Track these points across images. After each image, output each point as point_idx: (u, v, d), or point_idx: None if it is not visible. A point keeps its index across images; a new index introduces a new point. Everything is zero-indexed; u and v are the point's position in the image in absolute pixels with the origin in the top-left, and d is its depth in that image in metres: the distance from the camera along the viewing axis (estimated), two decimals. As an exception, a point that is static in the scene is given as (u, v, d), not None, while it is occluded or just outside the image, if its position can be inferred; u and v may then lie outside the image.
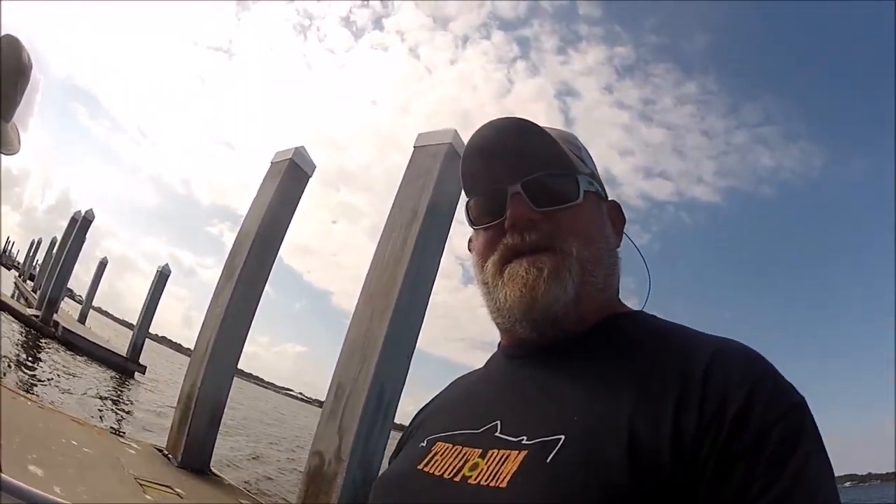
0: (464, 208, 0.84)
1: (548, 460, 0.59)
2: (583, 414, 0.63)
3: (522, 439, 0.64)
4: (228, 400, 7.66)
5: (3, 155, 1.39)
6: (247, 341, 7.68)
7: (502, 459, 0.63)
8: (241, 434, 18.20)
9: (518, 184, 0.75)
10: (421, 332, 5.16)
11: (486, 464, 0.64)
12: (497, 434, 0.68)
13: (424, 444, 0.76)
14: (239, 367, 7.89)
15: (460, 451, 0.69)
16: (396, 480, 0.76)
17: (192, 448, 6.76)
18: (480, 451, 0.67)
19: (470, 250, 0.86)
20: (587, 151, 0.85)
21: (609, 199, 0.85)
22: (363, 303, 5.11)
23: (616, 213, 0.86)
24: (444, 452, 0.71)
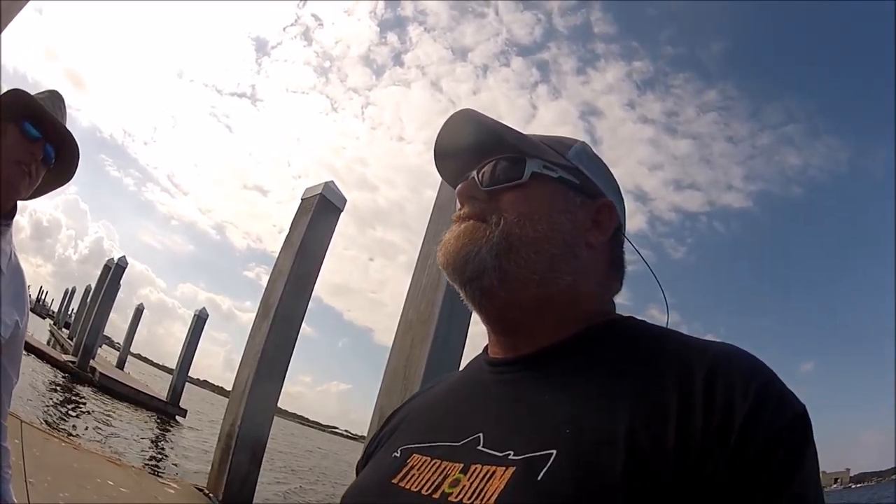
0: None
1: (539, 478, 0.54)
2: (575, 427, 0.58)
3: (509, 454, 0.59)
4: (270, 438, 7.61)
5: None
6: (290, 381, 7.69)
7: (487, 476, 0.58)
8: (284, 471, 18.08)
9: (473, 171, 0.80)
10: (463, 358, 5.06)
11: (469, 480, 0.59)
12: (480, 448, 0.63)
13: (398, 455, 0.71)
14: (282, 406, 7.90)
15: (439, 466, 0.64)
16: (369, 495, 0.70)
17: (234, 486, 6.71)
18: (461, 465, 0.61)
19: None
20: (588, 154, 0.83)
21: (599, 199, 0.80)
22: (402, 332, 5.06)
23: (604, 215, 0.79)
24: (420, 466, 0.66)
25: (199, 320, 24.08)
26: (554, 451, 0.56)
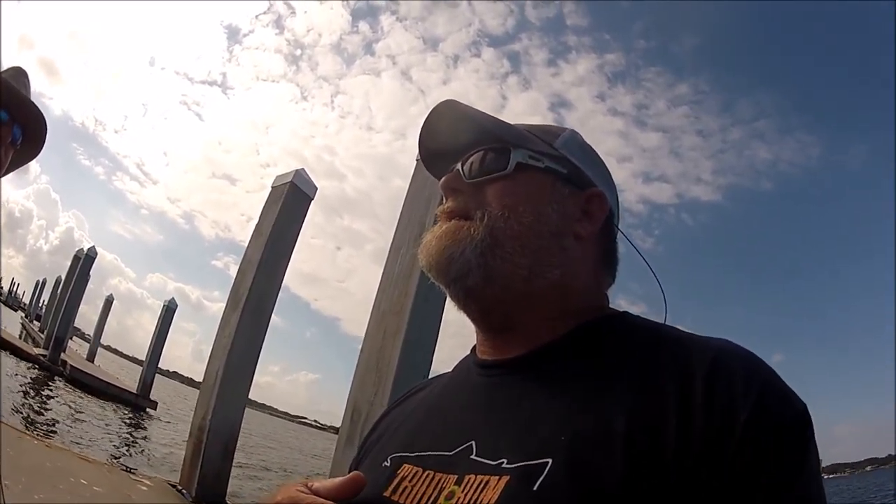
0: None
1: (535, 488, 0.53)
2: (571, 433, 0.56)
3: (502, 462, 0.57)
4: (241, 430, 7.53)
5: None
6: (259, 371, 7.60)
7: (481, 486, 0.56)
8: (256, 465, 18.02)
9: (458, 163, 0.77)
10: (436, 349, 5.02)
11: (464, 492, 0.57)
12: (473, 457, 0.60)
13: (388, 465, 0.68)
14: (251, 397, 7.80)
15: (433, 478, 0.61)
16: None
17: (206, 481, 6.62)
18: (456, 476, 0.59)
19: None
20: (577, 143, 0.80)
21: (588, 188, 0.77)
22: (374, 323, 5.00)
23: (594, 205, 0.76)
24: (413, 478, 0.63)
25: (169, 311, 23.60)
26: (550, 460, 0.54)
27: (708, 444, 0.51)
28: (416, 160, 5.78)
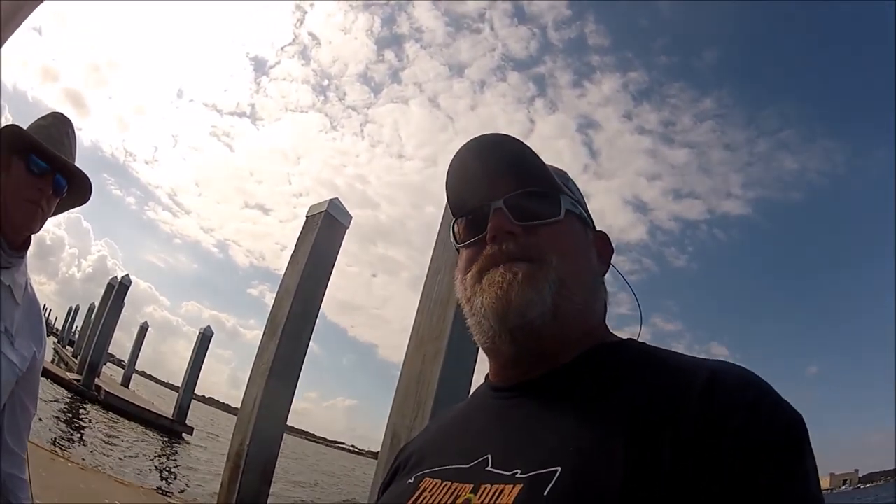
0: (449, 230, 0.85)
1: (545, 493, 0.57)
2: (578, 444, 0.61)
3: (516, 473, 0.62)
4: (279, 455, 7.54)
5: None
6: (297, 398, 7.62)
7: (496, 494, 0.60)
8: (294, 487, 17.95)
9: (501, 199, 0.77)
10: (475, 373, 5.02)
11: (479, 499, 0.61)
12: (489, 468, 0.65)
13: (412, 481, 0.73)
14: (289, 423, 7.83)
15: (450, 487, 0.67)
16: None
17: (245, 507, 6.61)
18: (472, 486, 0.64)
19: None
20: (575, 184, 0.87)
21: (597, 230, 0.87)
22: (413, 348, 5.02)
23: (603, 244, 0.86)
24: (433, 489, 0.69)
25: (204, 338, 24.00)
26: (559, 468, 0.58)
27: (702, 455, 0.54)
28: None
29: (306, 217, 8.43)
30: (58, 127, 1.41)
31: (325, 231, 8.06)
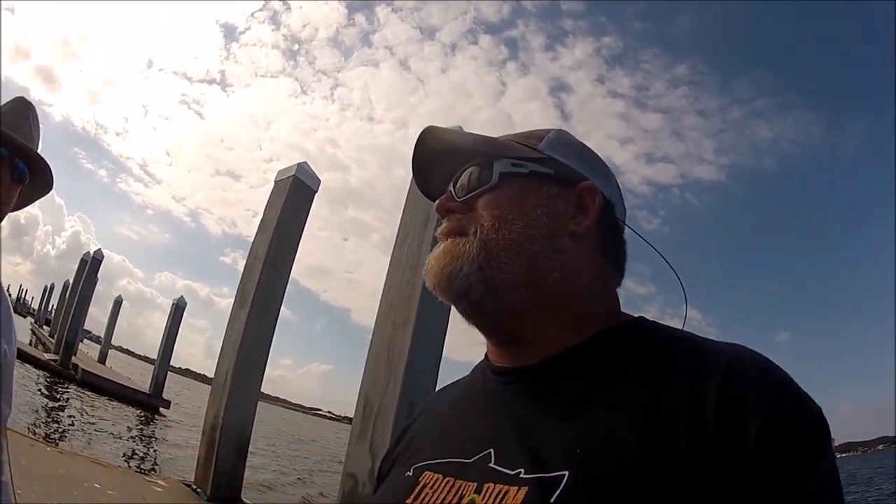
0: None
1: (552, 500, 0.54)
2: (585, 445, 0.57)
3: (520, 473, 0.59)
4: (255, 425, 7.50)
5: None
6: (271, 365, 7.57)
7: (500, 496, 0.57)
8: (270, 458, 18.10)
9: (450, 183, 0.80)
10: (447, 337, 4.96)
11: (483, 501, 0.58)
12: (491, 465, 0.62)
13: (411, 474, 0.70)
14: (264, 391, 7.77)
15: (453, 485, 0.63)
16: None
17: (221, 480, 6.58)
18: (475, 484, 0.61)
19: None
20: (563, 141, 0.80)
21: (584, 183, 0.76)
22: (383, 314, 4.95)
23: (587, 199, 0.76)
24: (434, 485, 0.65)
25: (178, 309, 23.67)
26: (566, 472, 0.55)
27: (721, 454, 0.52)
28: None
29: (274, 182, 8.27)
30: (17, 111, 1.33)
31: (293, 196, 7.89)
